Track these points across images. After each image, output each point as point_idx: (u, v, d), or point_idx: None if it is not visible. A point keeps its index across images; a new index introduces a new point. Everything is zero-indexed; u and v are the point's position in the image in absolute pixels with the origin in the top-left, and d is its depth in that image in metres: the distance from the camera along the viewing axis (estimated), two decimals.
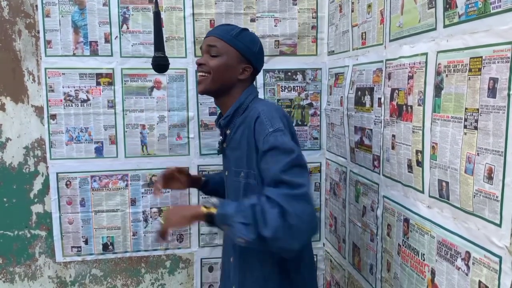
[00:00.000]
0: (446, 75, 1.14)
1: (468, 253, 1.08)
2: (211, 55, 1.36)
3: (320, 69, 2.19)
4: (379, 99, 1.56)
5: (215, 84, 1.36)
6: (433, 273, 1.23)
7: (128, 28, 2.04)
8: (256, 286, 1.36)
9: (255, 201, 1.11)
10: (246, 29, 1.41)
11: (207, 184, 1.67)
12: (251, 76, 1.42)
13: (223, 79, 1.36)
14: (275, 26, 2.14)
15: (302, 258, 1.36)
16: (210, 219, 1.18)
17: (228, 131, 1.40)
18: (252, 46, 1.39)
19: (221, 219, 1.15)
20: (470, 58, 1.04)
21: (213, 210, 1.16)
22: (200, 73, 1.38)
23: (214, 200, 1.25)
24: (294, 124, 2.19)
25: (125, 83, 2.06)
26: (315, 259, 2.28)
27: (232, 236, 1.14)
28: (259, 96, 1.44)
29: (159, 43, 1.46)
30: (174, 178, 1.61)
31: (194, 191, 2.16)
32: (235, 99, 1.38)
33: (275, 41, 2.14)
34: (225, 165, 1.48)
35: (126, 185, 2.12)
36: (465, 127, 1.07)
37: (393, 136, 1.45)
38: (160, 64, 1.49)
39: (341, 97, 1.94)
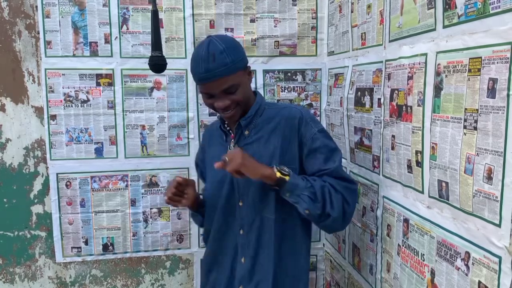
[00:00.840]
0: (446, 76, 1.14)
1: (467, 253, 1.08)
2: (230, 93, 1.32)
3: (320, 69, 2.19)
4: (379, 99, 1.56)
5: (242, 108, 1.39)
6: (433, 273, 1.23)
7: (128, 28, 2.04)
8: (289, 283, 1.45)
9: (323, 183, 1.32)
10: (227, 44, 1.31)
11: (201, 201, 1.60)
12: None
13: (247, 99, 1.40)
14: (275, 26, 2.14)
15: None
16: (279, 184, 1.31)
17: (246, 132, 1.43)
18: (241, 49, 1.37)
19: (292, 188, 1.31)
20: (470, 58, 1.04)
21: (287, 177, 1.30)
22: (230, 115, 1.36)
23: (285, 168, 1.32)
24: None
25: (125, 84, 2.06)
26: (315, 259, 2.30)
27: (297, 206, 1.32)
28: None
29: (156, 42, 1.45)
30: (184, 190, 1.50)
31: None
32: (251, 102, 1.43)
33: (275, 41, 2.15)
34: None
35: (126, 186, 2.12)
36: (464, 127, 1.07)
37: (393, 136, 1.45)
38: (158, 64, 1.47)
39: (341, 97, 1.94)
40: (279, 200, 1.37)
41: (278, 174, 1.30)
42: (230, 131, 1.48)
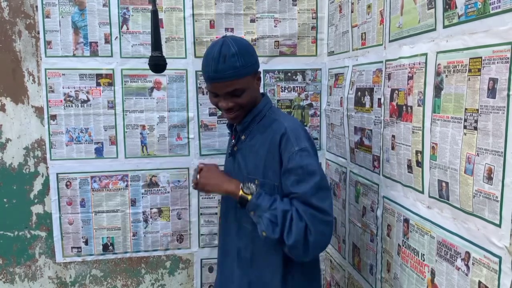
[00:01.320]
0: (446, 76, 1.14)
1: (468, 253, 1.08)
2: (235, 95, 1.33)
3: (320, 69, 2.19)
4: (379, 99, 1.56)
5: (246, 111, 1.39)
6: (433, 273, 1.23)
7: (128, 28, 2.04)
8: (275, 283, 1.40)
9: (288, 208, 1.25)
10: (239, 48, 1.30)
11: None
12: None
13: (252, 103, 1.39)
14: (275, 26, 2.14)
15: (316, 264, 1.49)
16: (241, 201, 1.31)
17: (243, 137, 1.43)
18: (253, 57, 1.35)
19: (253, 208, 1.29)
20: (470, 58, 1.04)
21: (249, 197, 1.30)
22: (234, 116, 1.37)
23: (252, 186, 1.32)
24: None
25: (125, 84, 2.06)
26: None
27: (258, 226, 1.29)
28: None
29: (156, 42, 1.45)
30: None
31: (194, 192, 2.16)
32: (255, 106, 1.41)
33: (275, 41, 2.15)
34: (231, 168, 1.48)
35: (126, 186, 2.12)
36: (464, 127, 1.07)
37: (393, 136, 1.45)
38: (157, 64, 1.47)
39: (341, 97, 1.94)
40: None
41: (241, 192, 1.31)
42: (233, 131, 1.49)
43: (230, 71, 1.28)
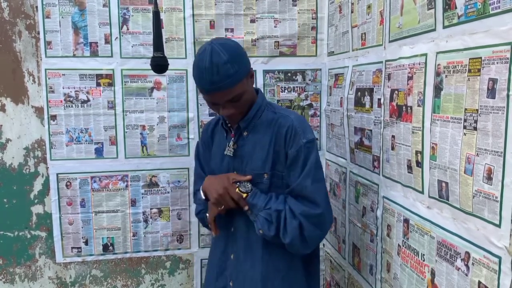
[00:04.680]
0: (446, 76, 1.14)
1: (467, 253, 1.08)
2: (234, 101, 1.32)
3: (320, 69, 2.19)
4: (379, 99, 1.56)
5: (245, 110, 1.40)
6: (433, 273, 1.23)
7: (128, 29, 2.04)
8: (278, 281, 1.42)
9: (282, 207, 1.31)
10: (219, 49, 1.26)
11: None
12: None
13: (250, 102, 1.40)
14: (275, 27, 2.14)
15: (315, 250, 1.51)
16: (239, 200, 1.35)
17: (245, 133, 1.43)
18: (245, 60, 1.34)
19: (250, 207, 1.34)
20: (470, 58, 1.05)
21: (244, 195, 1.34)
22: (232, 120, 1.40)
23: (248, 184, 1.35)
24: None
25: (125, 84, 2.06)
26: None
27: (254, 224, 1.34)
28: None
29: (158, 43, 1.46)
30: None
31: None
32: (252, 104, 1.42)
33: (275, 42, 2.15)
34: (229, 168, 1.47)
35: (126, 186, 2.12)
36: (464, 127, 1.07)
37: (393, 136, 1.45)
38: (159, 64, 1.48)
39: (341, 97, 1.94)
40: None
41: (237, 190, 1.35)
42: (231, 129, 1.47)
43: (227, 80, 1.25)
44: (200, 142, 1.65)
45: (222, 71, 1.24)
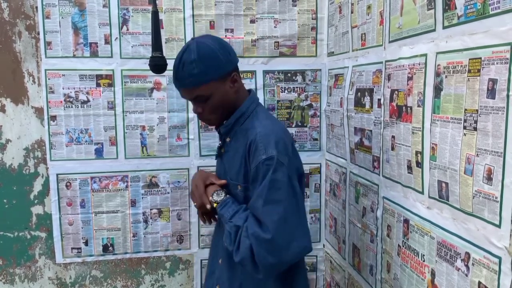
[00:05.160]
0: (446, 76, 1.14)
1: (467, 254, 1.08)
2: (201, 102, 1.31)
3: (320, 70, 2.19)
4: (379, 100, 1.56)
5: (222, 115, 1.36)
6: (433, 274, 1.23)
7: (128, 29, 2.04)
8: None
9: (240, 224, 1.23)
10: (193, 48, 1.25)
11: None
12: (239, 78, 1.36)
13: (226, 107, 1.34)
14: (275, 27, 2.14)
15: (297, 265, 1.36)
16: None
17: (228, 139, 1.40)
18: (216, 60, 1.27)
19: (220, 215, 1.33)
20: (469, 59, 1.05)
21: (215, 204, 1.34)
22: (205, 122, 1.41)
23: (221, 193, 1.34)
24: (294, 126, 2.20)
25: (125, 84, 2.06)
26: (315, 260, 2.30)
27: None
28: (259, 97, 1.45)
29: (157, 43, 1.45)
30: None
31: None
32: (237, 107, 1.36)
33: (275, 42, 2.15)
34: (219, 171, 1.45)
35: (126, 186, 2.12)
36: (464, 128, 1.07)
37: (393, 137, 1.45)
38: (158, 64, 1.47)
39: (341, 98, 1.94)
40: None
41: (210, 198, 1.35)
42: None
43: (189, 79, 1.25)
44: None
45: (187, 69, 1.24)
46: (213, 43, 1.28)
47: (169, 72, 1.95)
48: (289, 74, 2.18)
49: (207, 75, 1.25)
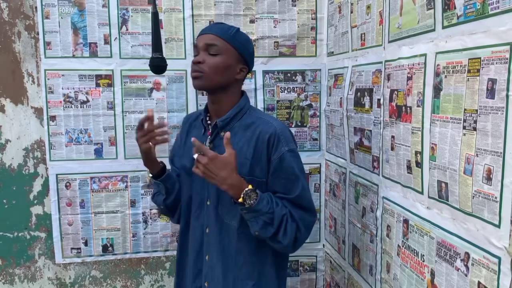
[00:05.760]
0: (445, 76, 1.14)
1: (467, 254, 1.08)
2: (210, 54, 1.35)
3: (320, 70, 2.19)
4: (378, 100, 1.56)
5: (212, 82, 1.36)
6: (432, 274, 1.23)
7: (127, 29, 2.04)
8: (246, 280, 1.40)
9: (285, 212, 1.31)
10: (239, 29, 1.42)
11: (165, 170, 1.55)
12: (245, 76, 1.44)
13: (221, 78, 1.36)
14: (275, 27, 2.14)
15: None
16: (237, 203, 1.28)
17: (222, 133, 1.37)
18: (249, 46, 1.42)
19: (251, 212, 1.28)
20: (469, 59, 1.05)
21: (247, 204, 1.26)
22: (197, 74, 1.35)
23: (253, 196, 1.26)
24: (293, 126, 2.20)
25: (124, 85, 2.06)
26: (315, 260, 2.30)
27: (249, 224, 1.31)
28: (259, 97, 1.47)
29: (157, 44, 1.46)
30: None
31: None
32: (231, 100, 1.40)
33: (275, 42, 2.15)
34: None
35: (126, 187, 2.12)
36: (464, 128, 1.07)
37: (393, 137, 1.45)
38: (158, 65, 1.48)
39: (341, 98, 1.94)
40: None
41: (241, 200, 1.25)
42: (210, 126, 1.44)
43: (222, 29, 1.37)
44: (178, 134, 1.63)
45: (226, 26, 1.41)
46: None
47: (169, 73, 1.98)
48: (288, 74, 2.18)
49: (236, 42, 1.37)
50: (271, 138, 1.33)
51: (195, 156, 1.25)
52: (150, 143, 1.45)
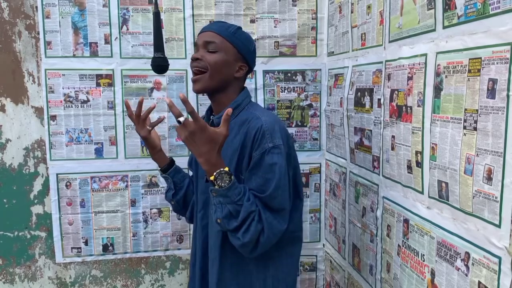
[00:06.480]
0: (446, 76, 1.14)
1: (467, 253, 1.08)
2: (209, 51, 1.35)
3: (320, 70, 2.19)
4: (379, 100, 1.56)
5: (212, 81, 1.35)
6: (433, 273, 1.23)
7: (128, 29, 2.04)
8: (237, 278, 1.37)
9: (254, 209, 1.21)
10: (240, 28, 1.42)
11: (173, 164, 1.62)
12: (245, 75, 1.44)
13: (220, 76, 1.36)
14: (275, 27, 2.14)
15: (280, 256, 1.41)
16: (209, 181, 1.20)
17: None
18: (249, 44, 1.42)
19: (219, 196, 1.19)
20: (470, 59, 1.05)
21: (217, 185, 1.18)
22: (196, 70, 1.35)
23: (226, 179, 1.19)
24: (293, 125, 2.20)
25: (125, 84, 2.06)
26: (315, 260, 2.30)
27: (213, 209, 1.23)
28: (259, 97, 1.45)
29: (158, 44, 1.46)
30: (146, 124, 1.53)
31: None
32: (230, 98, 1.40)
33: (275, 42, 2.15)
34: None
35: (126, 186, 2.12)
36: (464, 128, 1.07)
37: (393, 137, 1.45)
38: (160, 65, 1.48)
39: (341, 98, 1.94)
40: None
41: (212, 178, 1.18)
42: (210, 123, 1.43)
43: (222, 26, 1.38)
44: None
45: (227, 24, 1.40)
46: (253, 39, 1.47)
47: (169, 72, 1.98)
48: (289, 74, 2.18)
49: (235, 39, 1.37)
50: (256, 133, 1.27)
51: (182, 119, 1.16)
52: (148, 127, 1.51)
